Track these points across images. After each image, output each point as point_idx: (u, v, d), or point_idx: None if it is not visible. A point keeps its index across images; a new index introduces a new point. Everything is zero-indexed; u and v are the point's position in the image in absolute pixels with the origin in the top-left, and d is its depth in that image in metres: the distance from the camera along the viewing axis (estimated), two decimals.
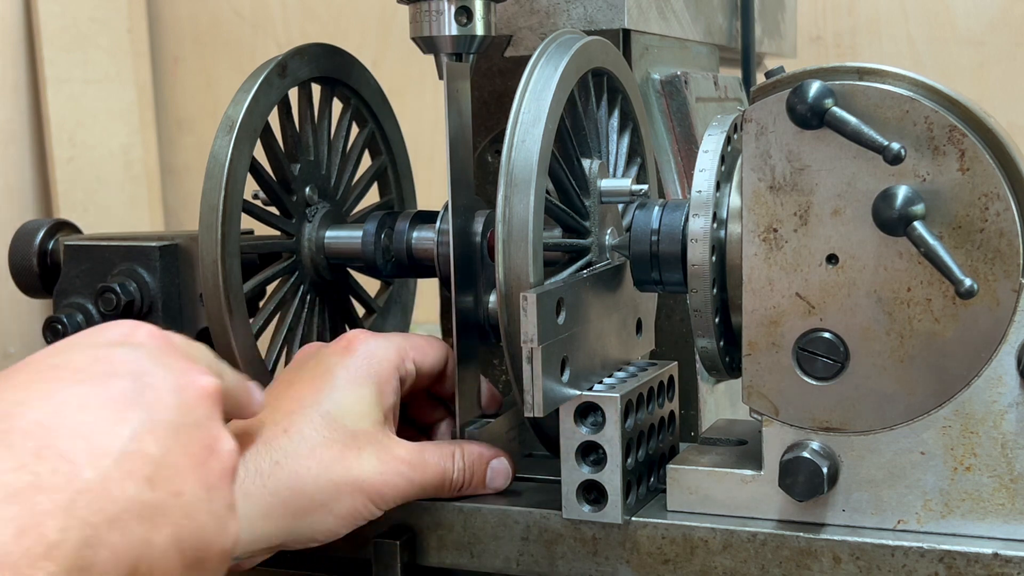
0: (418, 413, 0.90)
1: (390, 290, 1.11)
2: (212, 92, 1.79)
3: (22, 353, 1.53)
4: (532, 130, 0.77)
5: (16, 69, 1.57)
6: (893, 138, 0.69)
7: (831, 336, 0.74)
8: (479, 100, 1.00)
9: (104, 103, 1.69)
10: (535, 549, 0.81)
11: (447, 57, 0.85)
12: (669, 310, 0.99)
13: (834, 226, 0.73)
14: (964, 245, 0.71)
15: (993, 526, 0.73)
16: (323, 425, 0.78)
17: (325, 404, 0.79)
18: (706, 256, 0.77)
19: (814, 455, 0.74)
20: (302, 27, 1.75)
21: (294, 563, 0.84)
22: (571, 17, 0.97)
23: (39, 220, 1.12)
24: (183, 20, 1.81)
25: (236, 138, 0.89)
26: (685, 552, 0.77)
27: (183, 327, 1.04)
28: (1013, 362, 0.71)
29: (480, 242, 0.87)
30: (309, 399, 0.79)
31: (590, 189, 0.85)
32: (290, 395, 0.80)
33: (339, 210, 1.01)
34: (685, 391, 0.96)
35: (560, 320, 0.76)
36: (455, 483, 0.82)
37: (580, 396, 0.77)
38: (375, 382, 0.81)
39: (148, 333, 0.65)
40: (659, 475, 0.83)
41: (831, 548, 0.74)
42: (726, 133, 0.80)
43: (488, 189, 0.98)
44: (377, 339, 0.83)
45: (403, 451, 0.80)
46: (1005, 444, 0.72)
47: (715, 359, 0.80)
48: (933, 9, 1.52)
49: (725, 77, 1.14)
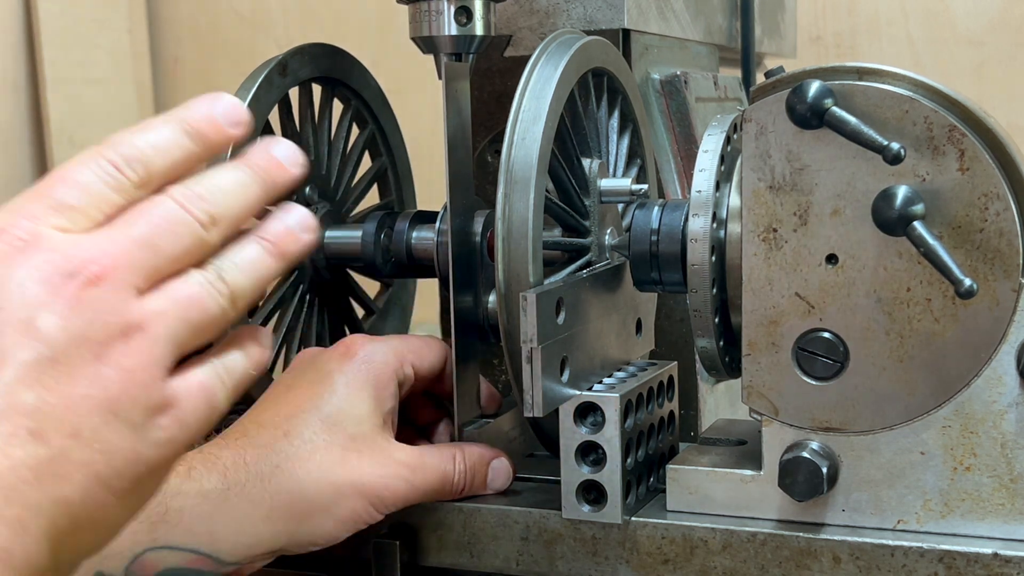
0: (417, 414, 0.89)
1: (389, 291, 1.11)
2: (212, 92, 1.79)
3: None
4: (532, 128, 0.77)
5: (16, 69, 1.57)
6: (893, 138, 0.69)
7: (831, 336, 0.74)
8: (478, 100, 1.00)
9: (104, 103, 1.69)
10: (535, 549, 0.81)
11: (446, 57, 0.85)
12: (669, 310, 0.99)
13: (834, 226, 0.73)
14: (964, 245, 0.71)
15: (993, 526, 0.73)
16: (323, 429, 0.78)
17: (325, 408, 0.79)
18: (706, 256, 0.77)
19: (814, 455, 0.74)
20: (302, 27, 1.75)
21: (294, 563, 0.84)
22: (571, 17, 0.97)
23: None
24: (183, 20, 1.81)
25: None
26: (685, 552, 0.77)
27: None
28: (1013, 362, 0.71)
29: (480, 242, 0.87)
30: (308, 403, 0.79)
31: (590, 189, 0.85)
32: (289, 399, 0.80)
33: (339, 210, 1.01)
34: (685, 391, 0.96)
35: (560, 320, 0.76)
36: (456, 486, 0.82)
37: (580, 396, 0.77)
38: (373, 387, 0.81)
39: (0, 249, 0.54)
40: (659, 475, 0.83)
41: (831, 548, 0.74)
42: (726, 133, 0.80)
43: (488, 189, 0.98)
44: (375, 343, 0.83)
45: (403, 455, 0.80)
46: (1005, 444, 0.72)
47: (715, 359, 0.79)
48: (933, 9, 1.52)
49: (725, 77, 1.14)
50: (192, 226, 0.56)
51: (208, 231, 0.57)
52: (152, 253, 0.55)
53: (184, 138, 0.58)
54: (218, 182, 0.58)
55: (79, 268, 0.53)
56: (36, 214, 0.54)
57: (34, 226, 0.53)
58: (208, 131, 0.58)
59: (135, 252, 0.54)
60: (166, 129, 0.57)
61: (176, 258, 0.56)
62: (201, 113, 0.59)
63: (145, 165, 0.56)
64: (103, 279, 0.53)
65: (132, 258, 0.54)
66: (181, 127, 0.58)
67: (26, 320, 0.51)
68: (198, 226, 0.56)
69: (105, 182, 0.55)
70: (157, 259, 0.55)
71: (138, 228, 0.55)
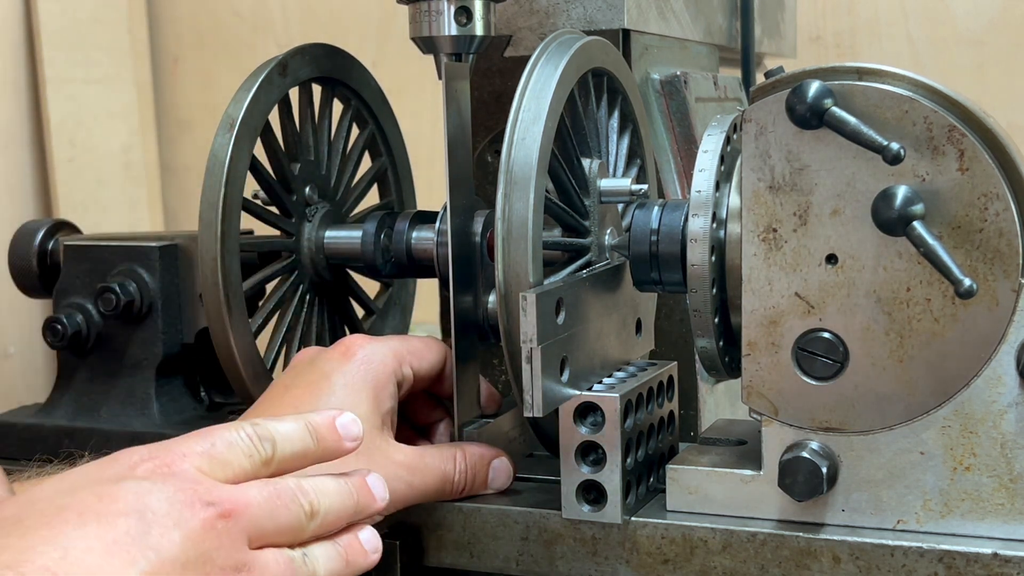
0: (417, 414, 0.89)
1: (389, 291, 1.11)
2: (212, 92, 1.79)
3: (22, 353, 1.54)
4: (532, 128, 0.77)
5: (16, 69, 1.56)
6: (892, 138, 0.69)
7: (830, 336, 0.74)
8: (478, 100, 1.00)
9: (104, 103, 1.69)
10: (535, 549, 0.81)
11: (446, 57, 0.85)
12: (669, 310, 0.99)
13: (833, 226, 0.73)
14: (963, 245, 0.71)
15: (992, 526, 0.73)
16: None
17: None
18: (705, 256, 0.77)
19: (813, 455, 0.74)
20: (302, 27, 1.75)
21: None
22: (571, 17, 0.97)
23: (39, 220, 1.12)
24: (183, 20, 1.81)
25: (236, 136, 0.89)
26: (685, 552, 0.77)
27: (183, 327, 1.04)
28: (1012, 362, 0.71)
29: (479, 242, 0.87)
30: (307, 405, 0.79)
31: (590, 189, 0.85)
32: (287, 400, 0.80)
33: (339, 210, 1.01)
34: (685, 391, 0.96)
35: (559, 320, 0.76)
36: (456, 486, 0.82)
37: (579, 396, 0.77)
38: (372, 388, 0.81)
39: (149, 468, 0.64)
40: (659, 475, 0.83)
41: (831, 548, 0.74)
42: (725, 133, 0.80)
43: (488, 189, 0.98)
44: (374, 344, 0.83)
45: (402, 456, 0.80)
46: (1004, 444, 0.72)
47: (715, 359, 0.80)
48: (933, 9, 1.51)
49: (725, 77, 1.14)
50: (299, 512, 0.66)
51: (308, 521, 0.67)
52: (269, 518, 0.64)
53: (307, 435, 0.69)
54: (325, 485, 0.68)
55: (216, 500, 0.62)
56: (186, 452, 0.65)
57: (184, 460, 0.64)
58: (328, 437, 0.70)
59: (258, 509, 0.64)
60: (296, 424, 0.69)
61: (281, 532, 0.65)
62: (326, 421, 0.70)
63: (274, 446, 0.67)
64: (232, 516, 0.63)
65: (255, 512, 0.64)
66: (307, 427, 0.69)
67: (170, 526, 0.60)
68: (303, 514, 0.66)
69: (243, 448, 0.66)
70: (270, 524, 0.65)
71: (263, 494, 0.65)
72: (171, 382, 1.04)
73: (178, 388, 1.05)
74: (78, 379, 1.05)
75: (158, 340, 1.02)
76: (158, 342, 1.02)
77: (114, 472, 0.63)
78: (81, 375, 1.05)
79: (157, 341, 1.02)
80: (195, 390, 1.07)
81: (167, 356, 1.03)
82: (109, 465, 0.64)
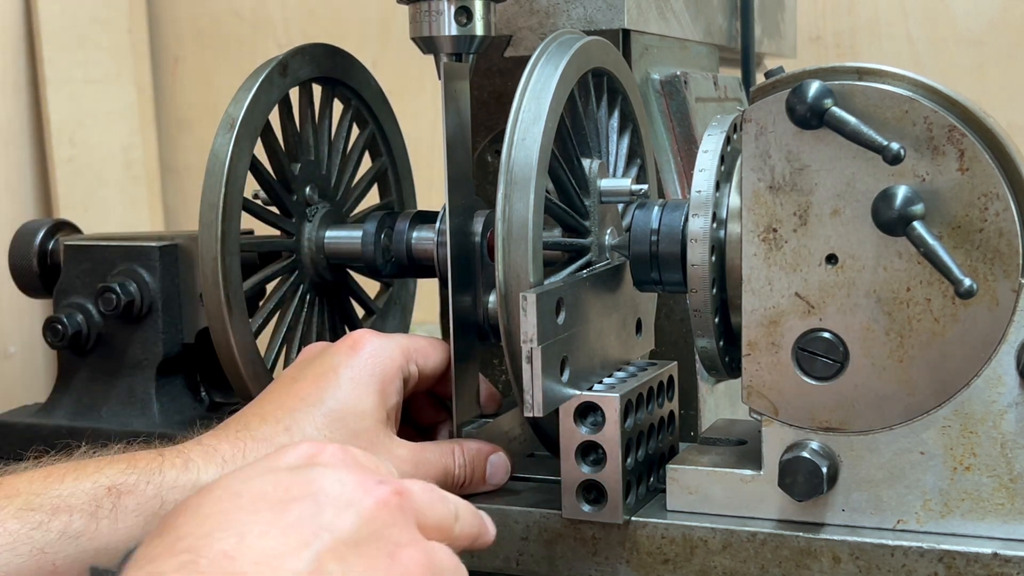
0: (420, 414, 0.90)
1: (390, 291, 1.11)
2: (212, 92, 1.79)
3: (22, 353, 1.54)
4: (532, 128, 0.77)
5: (16, 69, 1.56)
6: (892, 138, 0.69)
7: (830, 336, 0.74)
8: (478, 100, 1.00)
9: (104, 103, 1.69)
10: (535, 549, 0.81)
11: (446, 57, 0.85)
12: (669, 310, 0.99)
13: (833, 226, 0.73)
14: (963, 245, 0.71)
15: (992, 526, 0.73)
16: (325, 424, 0.78)
17: (328, 403, 0.79)
18: (706, 256, 0.77)
19: (813, 455, 0.74)
20: (302, 27, 1.75)
21: None
22: (571, 17, 0.97)
23: (39, 220, 1.12)
24: (183, 20, 1.81)
25: (237, 136, 0.89)
26: (685, 552, 0.77)
27: (183, 327, 1.04)
28: (1012, 362, 0.71)
29: (480, 242, 0.87)
30: (312, 397, 0.79)
31: (590, 189, 0.85)
32: (293, 392, 0.80)
33: (339, 210, 1.01)
34: (685, 391, 0.96)
35: (560, 320, 0.76)
36: (457, 479, 0.82)
37: (580, 396, 0.77)
38: (379, 382, 0.81)
39: (331, 453, 0.65)
40: (659, 475, 0.83)
41: (831, 548, 0.74)
42: (726, 133, 0.80)
43: (488, 189, 0.98)
44: (382, 339, 0.83)
45: (404, 451, 0.80)
46: (1004, 444, 0.72)
47: (715, 359, 0.80)
48: (933, 9, 1.52)
49: (725, 77, 1.14)
50: (450, 511, 0.67)
51: (455, 523, 0.67)
52: (429, 508, 0.65)
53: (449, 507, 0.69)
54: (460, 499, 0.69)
55: (387, 480, 0.63)
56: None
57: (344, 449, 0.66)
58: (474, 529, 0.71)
59: (420, 497, 0.65)
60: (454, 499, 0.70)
61: (437, 526, 0.65)
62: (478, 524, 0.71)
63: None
64: (405, 495, 0.63)
65: (419, 499, 0.65)
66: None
67: (343, 506, 0.60)
68: (451, 515, 0.67)
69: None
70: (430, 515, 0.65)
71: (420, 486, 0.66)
72: (171, 382, 1.04)
73: (178, 388, 1.05)
74: (78, 379, 1.05)
75: (158, 340, 1.02)
76: (158, 342, 1.03)
77: (291, 460, 0.64)
78: (81, 375, 1.05)
79: (157, 341, 1.03)
80: (195, 390, 1.07)
81: (167, 356, 1.03)
82: (286, 454, 0.65)
